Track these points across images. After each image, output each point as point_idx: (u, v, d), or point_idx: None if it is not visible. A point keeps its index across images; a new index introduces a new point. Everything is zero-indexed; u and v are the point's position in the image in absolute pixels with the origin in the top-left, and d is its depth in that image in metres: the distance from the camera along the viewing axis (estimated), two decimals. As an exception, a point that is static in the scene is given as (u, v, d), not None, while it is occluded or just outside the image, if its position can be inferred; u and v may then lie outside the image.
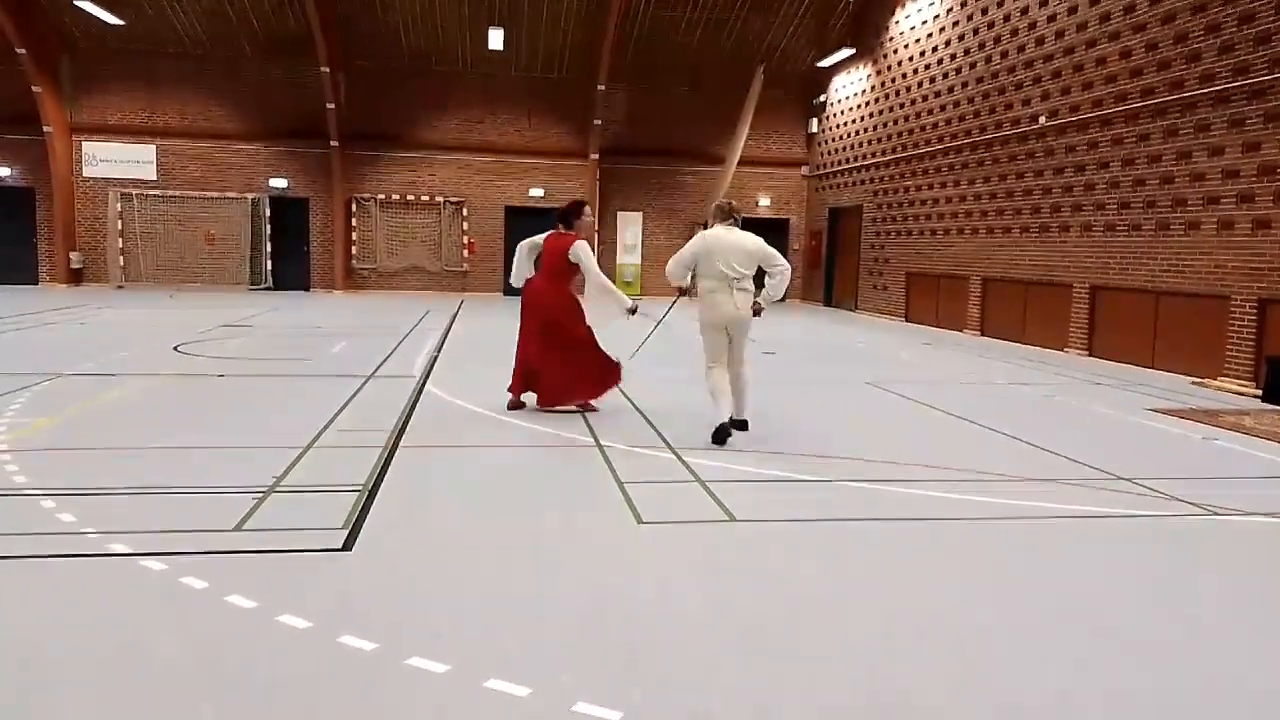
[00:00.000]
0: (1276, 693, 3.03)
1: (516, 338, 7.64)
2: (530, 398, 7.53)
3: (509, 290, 22.94)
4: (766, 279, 6.71)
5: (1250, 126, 10.48)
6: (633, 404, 7.90)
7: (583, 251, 7.25)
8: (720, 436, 6.35)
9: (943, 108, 17.37)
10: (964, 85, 16.61)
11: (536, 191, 23.11)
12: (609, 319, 7.38)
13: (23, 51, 19.72)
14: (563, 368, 7.27)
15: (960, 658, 3.19)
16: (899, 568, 4.10)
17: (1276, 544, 4.69)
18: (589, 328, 7.39)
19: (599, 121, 22.30)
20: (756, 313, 6.68)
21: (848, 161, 21.86)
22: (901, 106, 19.12)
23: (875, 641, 3.30)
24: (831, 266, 23.26)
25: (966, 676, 3.05)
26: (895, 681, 2.99)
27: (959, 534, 4.61)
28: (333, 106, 21.26)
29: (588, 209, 7.62)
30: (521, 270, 7.62)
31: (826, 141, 23.18)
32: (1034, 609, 3.67)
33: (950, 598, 3.77)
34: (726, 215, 6.68)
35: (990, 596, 3.81)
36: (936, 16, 17.65)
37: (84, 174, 21.67)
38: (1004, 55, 15.38)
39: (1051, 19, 14.06)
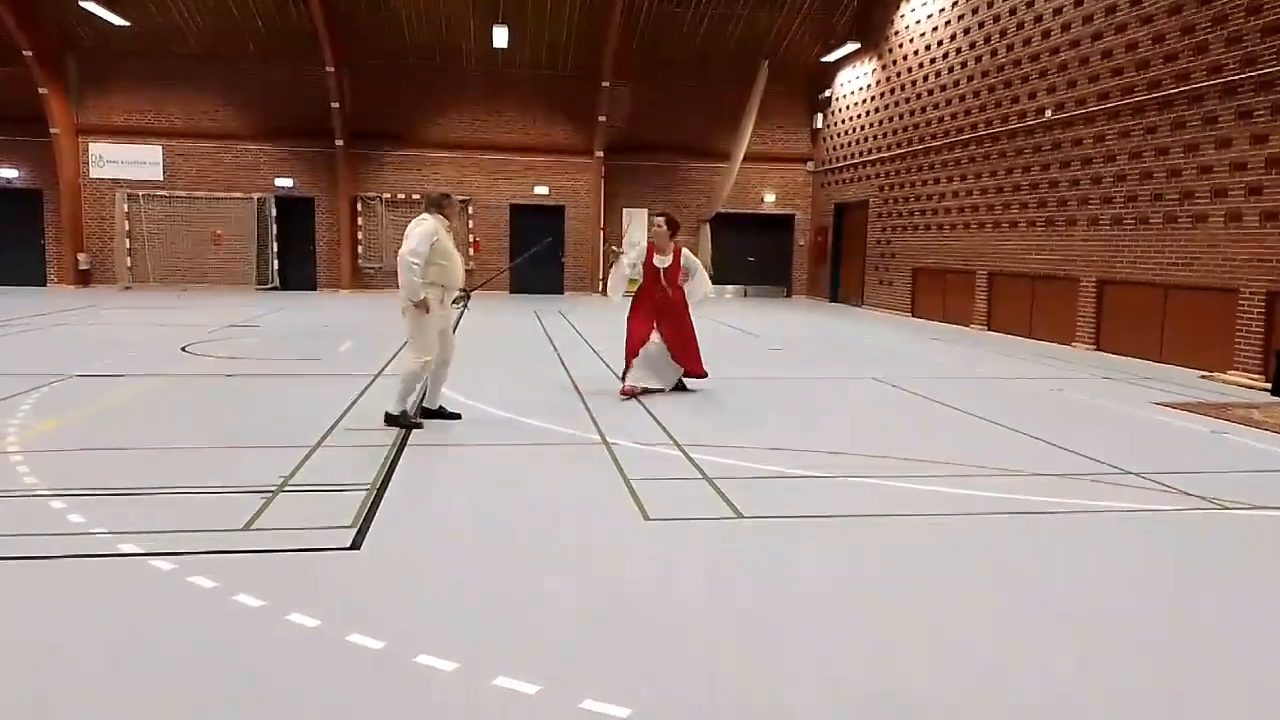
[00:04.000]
0: (1287, 687, 3.01)
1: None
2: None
3: (515, 288, 23.01)
4: None
5: (1258, 118, 10.42)
6: (639, 401, 7.90)
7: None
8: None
9: (948, 102, 17.32)
10: (970, 79, 16.55)
11: (541, 189, 23.10)
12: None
13: (29, 53, 19.79)
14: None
15: (966, 653, 3.19)
16: (905, 563, 4.09)
17: (1286, 538, 4.67)
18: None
19: (604, 118, 22.28)
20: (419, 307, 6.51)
21: (853, 156, 21.81)
22: (907, 101, 19.06)
23: (882, 637, 3.30)
24: (837, 262, 23.21)
25: (972, 672, 3.05)
26: (901, 677, 2.99)
27: (965, 529, 4.60)
28: (337, 105, 21.29)
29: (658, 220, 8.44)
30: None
31: (832, 136, 23.12)
32: (1040, 604, 3.66)
33: (957, 593, 3.76)
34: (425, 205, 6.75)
35: (996, 592, 3.80)
36: (942, 10, 17.58)
37: (91, 175, 21.75)
38: (1010, 48, 15.33)
39: (1057, 11, 13.99)
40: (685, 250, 8.56)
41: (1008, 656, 3.17)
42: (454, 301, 6.93)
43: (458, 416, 6.97)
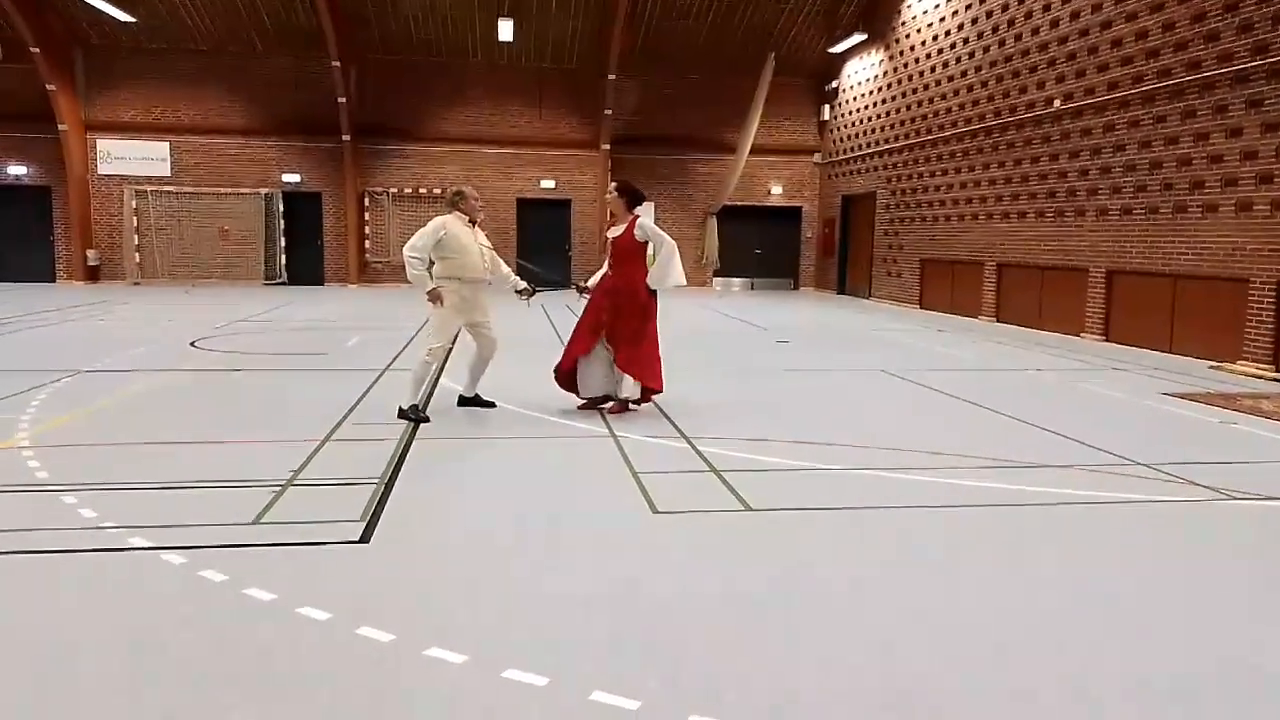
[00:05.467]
0: (1298, 678, 3.00)
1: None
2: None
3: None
4: None
5: (1269, 106, 10.34)
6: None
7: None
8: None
9: (956, 92, 17.23)
10: (978, 69, 16.47)
11: (548, 183, 23.08)
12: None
13: (36, 50, 19.84)
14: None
15: (977, 644, 3.18)
16: (915, 555, 4.09)
17: (1297, 528, 4.65)
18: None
19: (609, 111, 22.24)
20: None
21: (861, 148, 21.73)
22: (915, 92, 18.97)
23: (891, 628, 3.30)
24: (845, 254, 23.15)
25: (983, 663, 3.05)
26: (912, 668, 2.99)
27: (975, 520, 4.59)
28: (344, 100, 21.31)
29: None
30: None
31: (839, 128, 23.04)
32: (1050, 595, 3.65)
33: (967, 584, 3.76)
34: None
35: (1007, 582, 3.79)
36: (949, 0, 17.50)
37: (99, 172, 21.82)
38: (1018, 38, 15.24)
39: (1065, 0, 13.90)
40: (642, 222, 6.93)
41: (1019, 649, 3.17)
42: (518, 292, 7.43)
43: (492, 405, 7.16)
